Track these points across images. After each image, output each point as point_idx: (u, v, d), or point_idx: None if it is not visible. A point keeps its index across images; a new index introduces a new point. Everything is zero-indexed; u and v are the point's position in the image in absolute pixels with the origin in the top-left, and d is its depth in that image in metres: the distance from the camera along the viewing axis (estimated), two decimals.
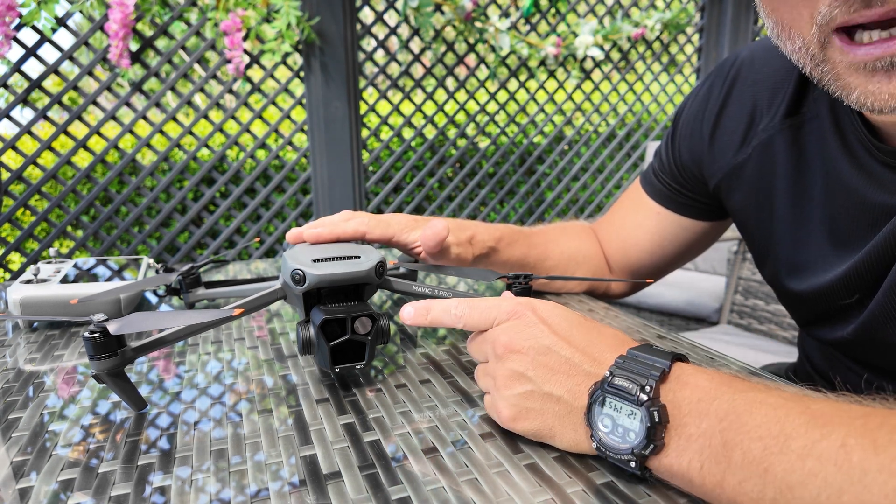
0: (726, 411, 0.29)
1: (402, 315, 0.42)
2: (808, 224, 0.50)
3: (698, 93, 0.60)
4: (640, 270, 0.71)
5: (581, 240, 0.71)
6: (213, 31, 1.77)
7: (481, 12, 2.14)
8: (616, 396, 0.32)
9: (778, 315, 1.43)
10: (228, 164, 2.27)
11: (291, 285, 0.43)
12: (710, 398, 0.30)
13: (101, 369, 0.37)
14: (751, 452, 0.27)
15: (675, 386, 0.32)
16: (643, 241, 0.68)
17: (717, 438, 0.29)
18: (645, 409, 0.30)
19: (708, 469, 0.29)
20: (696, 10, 2.58)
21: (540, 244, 0.66)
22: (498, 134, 2.38)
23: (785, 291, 0.55)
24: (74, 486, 0.33)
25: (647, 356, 0.33)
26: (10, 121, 1.67)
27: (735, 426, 0.29)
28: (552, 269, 0.67)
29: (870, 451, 0.25)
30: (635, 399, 0.31)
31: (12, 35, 1.56)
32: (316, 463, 0.35)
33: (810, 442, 0.26)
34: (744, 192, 0.55)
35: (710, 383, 0.31)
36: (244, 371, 0.48)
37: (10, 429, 0.39)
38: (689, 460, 0.30)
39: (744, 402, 0.29)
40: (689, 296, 2.06)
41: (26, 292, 0.58)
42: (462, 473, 0.33)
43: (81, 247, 1.86)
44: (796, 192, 0.50)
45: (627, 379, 0.32)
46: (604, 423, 0.32)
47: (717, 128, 0.57)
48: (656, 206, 0.66)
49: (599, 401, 0.32)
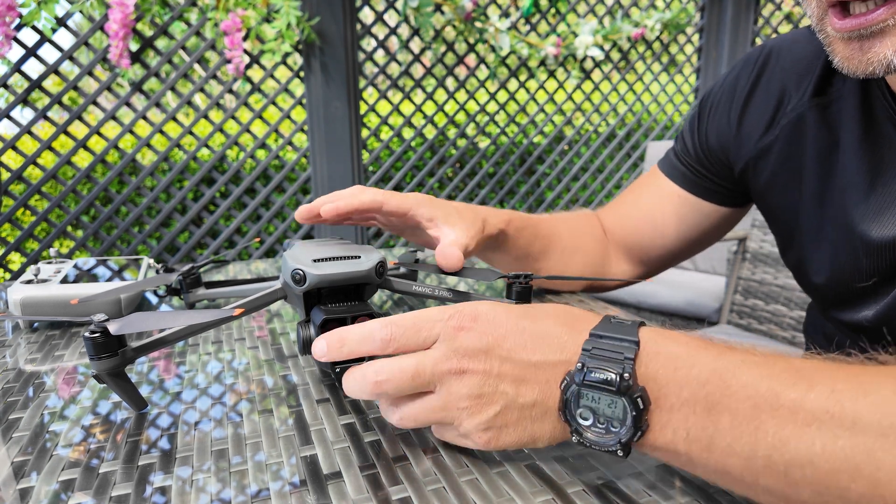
0: (708, 376, 0.28)
1: (314, 352, 0.36)
2: (834, 202, 0.50)
3: (725, 80, 0.61)
4: (650, 255, 0.70)
5: (583, 233, 0.70)
6: (213, 31, 1.77)
7: (481, 12, 2.14)
8: (594, 390, 0.30)
9: (778, 315, 1.43)
10: (228, 164, 2.27)
11: (292, 285, 0.43)
12: (688, 365, 0.29)
13: (102, 369, 0.37)
14: (740, 413, 0.27)
15: (646, 359, 0.30)
16: (661, 224, 0.67)
17: (701, 405, 0.28)
18: (628, 398, 0.29)
19: (694, 436, 0.28)
20: (695, 10, 2.58)
21: (543, 235, 0.65)
22: (498, 134, 2.38)
23: (809, 271, 0.55)
24: (75, 487, 0.33)
25: (612, 335, 0.31)
26: (10, 121, 1.67)
27: (720, 389, 0.28)
28: (550, 263, 0.66)
29: (859, 394, 0.25)
30: (615, 389, 0.29)
31: (12, 35, 1.56)
32: (316, 463, 0.35)
33: (800, 394, 0.26)
34: (771, 172, 0.56)
35: (683, 349, 0.30)
36: (244, 371, 0.48)
37: (11, 429, 0.39)
38: (673, 430, 0.29)
39: (725, 365, 0.29)
40: (689, 296, 2.06)
41: (27, 292, 0.58)
42: (462, 473, 0.33)
43: (81, 247, 1.86)
44: (825, 169, 0.51)
45: (602, 369, 0.29)
46: (583, 416, 0.31)
47: (745, 113, 0.57)
48: (678, 189, 0.66)
49: (575, 395, 0.30)
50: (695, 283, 2.18)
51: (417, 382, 0.33)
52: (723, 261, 2.30)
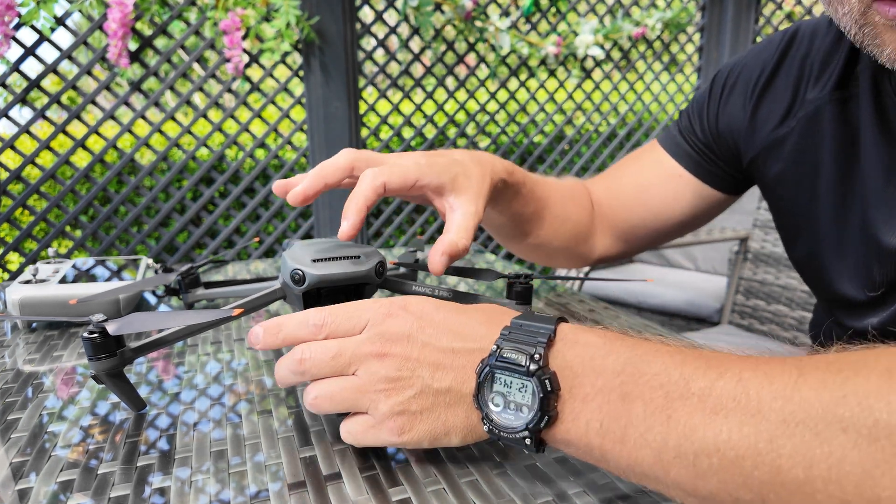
0: (623, 364, 0.28)
1: (248, 338, 0.36)
2: (852, 205, 0.49)
3: (743, 62, 0.59)
4: (637, 234, 0.68)
5: (572, 202, 0.66)
6: (213, 31, 1.76)
7: (481, 11, 2.13)
8: (505, 371, 0.30)
9: (779, 315, 1.43)
10: (227, 164, 2.27)
11: (291, 285, 0.43)
12: (604, 354, 0.29)
13: (101, 370, 0.37)
14: (653, 402, 0.27)
15: (562, 347, 0.30)
16: (656, 203, 0.65)
17: (616, 393, 0.28)
18: (536, 379, 0.29)
19: (607, 427, 0.28)
20: (696, 10, 2.58)
21: (539, 198, 0.61)
22: (498, 133, 2.38)
23: (817, 269, 0.54)
24: (74, 487, 0.32)
25: (531, 323, 0.31)
26: (9, 120, 1.67)
27: (634, 378, 0.28)
28: (545, 228, 0.63)
29: (764, 381, 0.25)
30: (525, 369, 0.29)
31: (11, 34, 1.56)
32: (316, 464, 0.34)
33: (709, 382, 0.26)
34: (784, 164, 0.54)
35: (600, 339, 0.30)
36: (244, 372, 0.48)
37: (10, 430, 0.39)
38: (586, 421, 0.28)
39: (640, 353, 0.29)
40: (691, 296, 2.06)
41: (25, 292, 0.58)
42: (462, 474, 0.33)
43: (80, 247, 1.86)
44: (845, 169, 0.49)
45: (514, 350, 0.30)
46: (494, 402, 0.30)
47: (762, 101, 0.56)
48: (680, 169, 0.63)
49: (489, 378, 0.30)
50: (696, 283, 2.18)
51: (338, 362, 0.33)
52: (724, 261, 2.29)
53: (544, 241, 0.63)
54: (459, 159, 0.49)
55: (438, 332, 0.33)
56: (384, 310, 0.34)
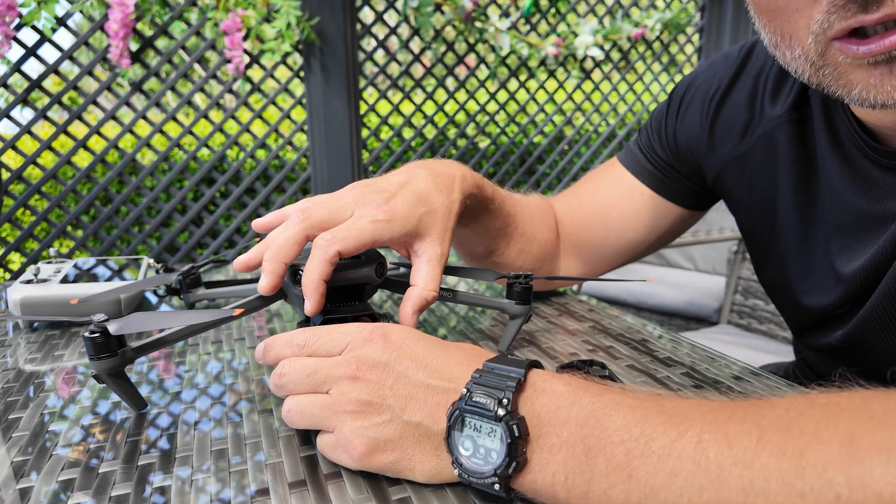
0: (586, 416, 0.28)
1: (256, 355, 0.39)
2: (812, 227, 0.49)
3: (699, 76, 0.58)
4: (597, 253, 0.65)
5: (537, 221, 0.63)
6: (213, 31, 1.77)
7: (481, 12, 2.14)
8: (474, 415, 0.30)
9: (777, 315, 1.43)
10: (228, 164, 2.27)
11: (291, 285, 0.43)
12: (569, 404, 0.29)
13: (102, 369, 0.37)
14: (614, 458, 0.27)
15: (531, 394, 0.30)
16: (614, 221, 0.63)
17: (580, 447, 0.28)
18: (504, 425, 0.29)
19: (572, 481, 0.28)
20: (696, 10, 2.58)
21: (507, 214, 0.58)
22: (498, 134, 2.38)
23: (784, 290, 0.54)
24: (75, 486, 0.33)
25: (501, 367, 0.31)
26: (10, 121, 1.67)
27: (596, 432, 0.28)
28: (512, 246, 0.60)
29: (724, 444, 0.25)
30: (493, 415, 0.29)
31: (12, 35, 1.56)
32: (316, 463, 0.35)
33: (669, 441, 0.26)
34: (746, 183, 0.54)
35: (566, 388, 0.30)
36: (244, 371, 0.48)
37: (11, 429, 0.39)
38: (552, 473, 0.28)
39: (602, 406, 0.29)
40: (689, 296, 2.06)
41: (26, 292, 0.58)
42: None
43: (81, 247, 1.86)
44: (801, 188, 0.49)
45: (484, 394, 0.30)
46: (464, 447, 0.30)
47: (719, 116, 0.55)
48: (639, 184, 0.62)
49: (459, 422, 0.30)
50: (695, 283, 2.18)
51: (313, 380, 0.34)
52: (723, 261, 2.29)
53: (509, 261, 0.60)
54: (423, 193, 0.44)
55: (415, 365, 0.33)
56: (365, 335, 0.34)
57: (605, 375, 0.42)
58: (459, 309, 0.63)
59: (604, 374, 0.43)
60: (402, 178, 0.45)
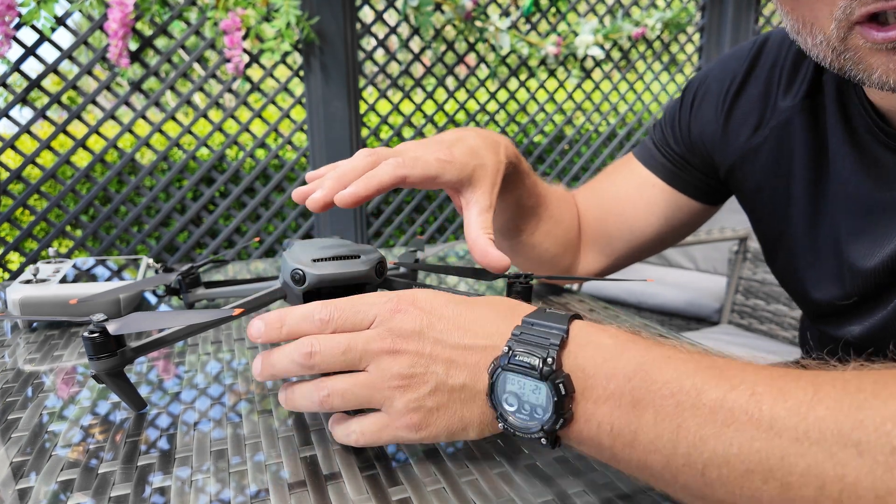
0: (634, 369, 0.28)
1: (249, 332, 0.35)
2: (821, 216, 0.49)
3: (713, 71, 0.59)
4: (613, 246, 0.67)
5: (561, 208, 0.66)
6: (213, 31, 1.76)
7: (481, 11, 2.13)
8: (518, 373, 0.30)
9: (778, 315, 1.43)
10: (228, 164, 2.27)
11: (291, 285, 0.43)
12: (615, 356, 0.29)
13: (101, 369, 0.37)
14: (664, 410, 0.27)
15: (575, 349, 0.30)
16: (629, 213, 0.65)
17: (627, 398, 0.28)
18: (550, 384, 0.29)
19: (618, 430, 0.28)
20: (696, 10, 2.58)
21: (537, 195, 0.60)
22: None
23: (795, 278, 0.54)
24: (74, 487, 0.33)
25: (543, 322, 0.31)
26: (10, 120, 1.67)
27: (645, 384, 0.28)
28: (541, 228, 0.62)
29: (778, 397, 0.25)
30: (538, 373, 0.29)
31: (12, 34, 1.56)
32: (316, 463, 0.34)
33: (721, 393, 0.26)
34: (759, 175, 0.54)
35: (613, 341, 0.30)
36: (244, 371, 0.48)
37: (10, 429, 0.39)
38: (598, 423, 0.29)
39: (651, 359, 0.29)
40: (690, 296, 2.06)
41: (25, 292, 0.58)
42: (462, 474, 0.33)
43: (81, 247, 1.86)
44: (814, 177, 0.49)
45: (527, 352, 0.30)
46: (509, 402, 0.31)
47: (733, 110, 0.55)
48: (653, 177, 0.63)
49: (501, 379, 0.31)
50: (696, 282, 2.18)
51: (348, 357, 0.33)
52: (724, 261, 2.29)
53: (536, 242, 0.62)
54: (476, 148, 0.48)
55: (449, 327, 0.33)
56: (392, 305, 0.33)
57: None
58: None
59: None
60: (455, 136, 0.50)
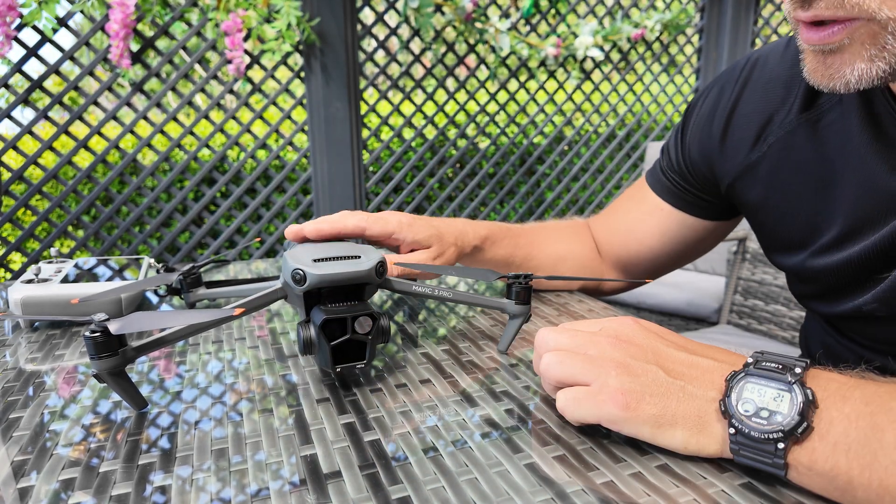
0: (871, 396, 0.30)
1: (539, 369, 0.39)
2: (835, 210, 0.50)
3: (709, 91, 0.60)
4: (638, 267, 0.70)
5: (571, 240, 0.71)
6: (214, 32, 1.77)
7: (481, 13, 2.14)
8: (763, 378, 0.31)
9: (777, 315, 1.43)
10: (229, 165, 2.27)
11: (292, 285, 0.43)
12: (850, 387, 0.31)
13: (102, 369, 0.37)
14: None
15: (811, 375, 0.32)
16: (645, 237, 0.68)
17: (865, 420, 0.29)
18: (799, 386, 0.30)
19: (856, 451, 0.28)
20: (695, 11, 2.58)
21: (525, 245, 0.66)
22: (498, 134, 2.38)
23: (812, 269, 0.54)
24: (75, 486, 0.33)
25: (779, 356, 0.33)
26: (11, 121, 1.68)
27: (884, 410, 0.29)
28: (537, 269, 0.67)
29: None
30: (785, 379, 0.30)
31: (13, 35, 1.56)
32: (316, 462, 0.35)
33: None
34: (760, 189, 0.55)
35: (846, 377, 0.32)
36: (245, 371, 0.48)
37: (11, 428, 0.39)
38: (833, 443, 0.29)
39: (887, 391, 0.30)
40: (689, 296, 2.06)
41: (27, 292, 0.58)
42: (462, 473, 0.33)
43: (82, 247, 1.86)
44: (821, 182, 0.50)
45: (774, 363, 0.32)
46: (744, 408, 0.31)
47: (729, 128, 0.57)
48: (661, 202, 0.66)
49: (740, 386, 0.32)
50: (695, 283, 2.18)
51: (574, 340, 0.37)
52: (722, 261, 2.29)
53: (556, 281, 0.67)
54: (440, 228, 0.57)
55: (674, 346, 0.36)
56: (617, 321, 0.38)
57: None
58: (459, 309, 0.63)
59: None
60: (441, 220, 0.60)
